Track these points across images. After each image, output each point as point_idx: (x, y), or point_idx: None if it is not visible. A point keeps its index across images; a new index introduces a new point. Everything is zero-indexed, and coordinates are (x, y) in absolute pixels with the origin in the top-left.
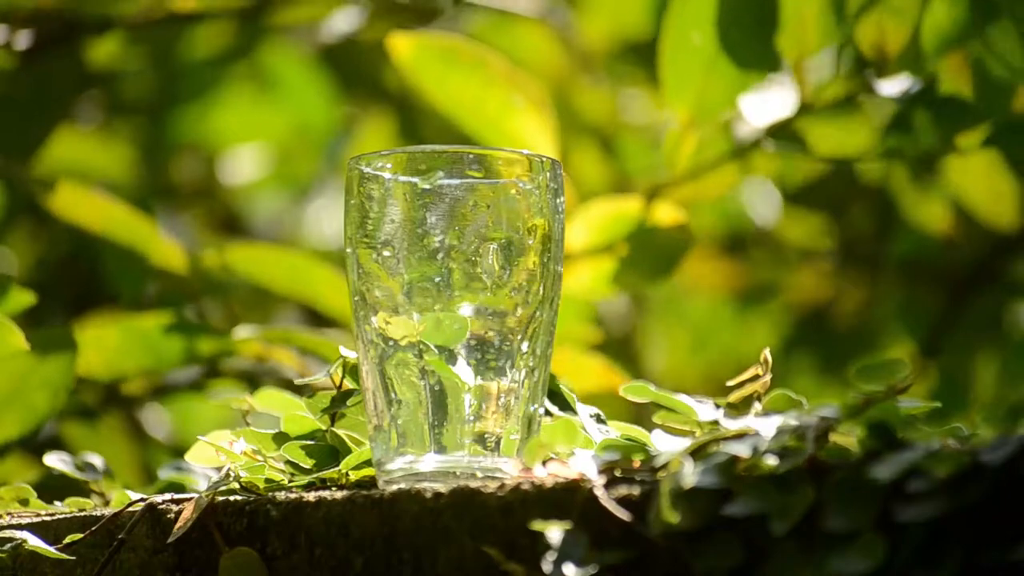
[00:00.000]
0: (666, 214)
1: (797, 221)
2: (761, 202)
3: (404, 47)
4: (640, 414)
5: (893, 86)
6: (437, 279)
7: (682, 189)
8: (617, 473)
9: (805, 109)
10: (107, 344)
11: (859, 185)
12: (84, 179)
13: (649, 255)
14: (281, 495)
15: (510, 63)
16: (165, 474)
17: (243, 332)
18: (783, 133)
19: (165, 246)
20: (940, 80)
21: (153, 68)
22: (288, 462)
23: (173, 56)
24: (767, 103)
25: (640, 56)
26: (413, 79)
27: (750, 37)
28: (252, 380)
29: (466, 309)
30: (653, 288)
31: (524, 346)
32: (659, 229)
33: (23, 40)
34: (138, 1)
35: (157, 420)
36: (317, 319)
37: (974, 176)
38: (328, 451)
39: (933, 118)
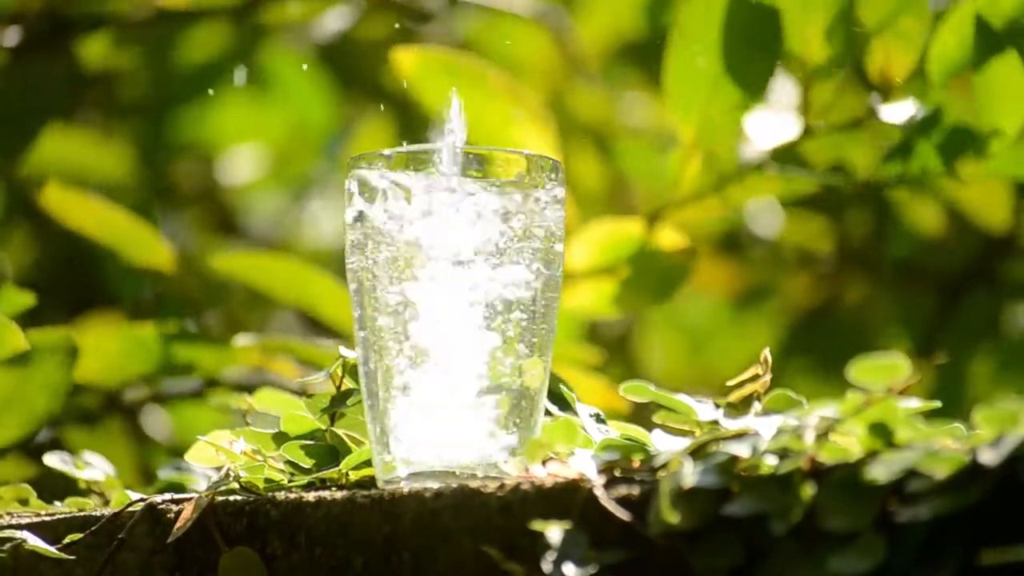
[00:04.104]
0: (668, 238)
1: (795, 224)
2: (759, 206)
3: (408, 61)
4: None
5: (897, 111)
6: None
7: (685, 210)
8: (617, 473)
9: (809, 132)
10: (108, 350)
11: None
12: (83, 181)
13: (651, 278)
14: (281, 495)
15: (509, 75)
16: (165, 474)
17: (243, 340)
18: (787, 155)
19: (163, 253)
20: (944, 107)
21: (148, 68)
22: (288, 462)
23: (169, 57)
24: (772, 125)
25: (636, 57)
26: (416, 91)
27: (754, 60)
28: (250, 391)
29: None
30: (654, 308)
31: (523, 347)
32: (661, 253)
33: (11, 38)
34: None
35: (157, 422)
36: (318, 321)
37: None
38: (328, 451)
39: (936, 145)
